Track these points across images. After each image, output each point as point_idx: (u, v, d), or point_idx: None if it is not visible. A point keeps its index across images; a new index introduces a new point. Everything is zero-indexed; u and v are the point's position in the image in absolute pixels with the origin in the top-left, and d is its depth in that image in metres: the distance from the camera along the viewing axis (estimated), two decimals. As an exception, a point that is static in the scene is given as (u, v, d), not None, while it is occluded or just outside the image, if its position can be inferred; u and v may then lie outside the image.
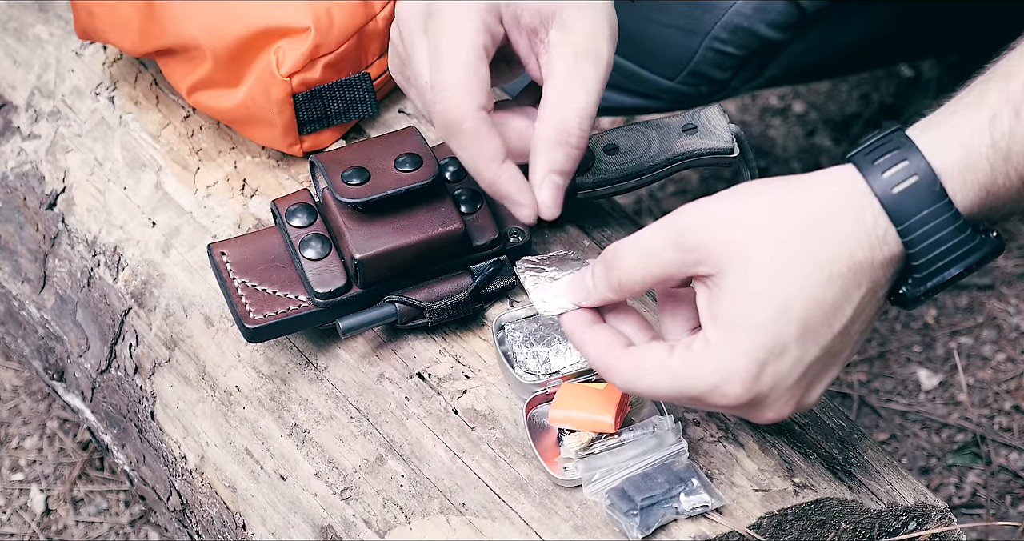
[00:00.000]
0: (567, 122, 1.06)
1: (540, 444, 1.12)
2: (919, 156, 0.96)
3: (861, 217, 0.96)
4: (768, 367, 0.96)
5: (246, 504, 1.21)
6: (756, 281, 0.95)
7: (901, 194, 0.96)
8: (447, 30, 1.06)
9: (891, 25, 1.62)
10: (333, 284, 1.17)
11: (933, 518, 1.13)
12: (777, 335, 0.95)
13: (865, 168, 0.97)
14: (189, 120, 1.39)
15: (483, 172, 1.08)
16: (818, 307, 0.96)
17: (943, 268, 0.98)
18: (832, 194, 0.97)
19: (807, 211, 0.96)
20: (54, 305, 1.38)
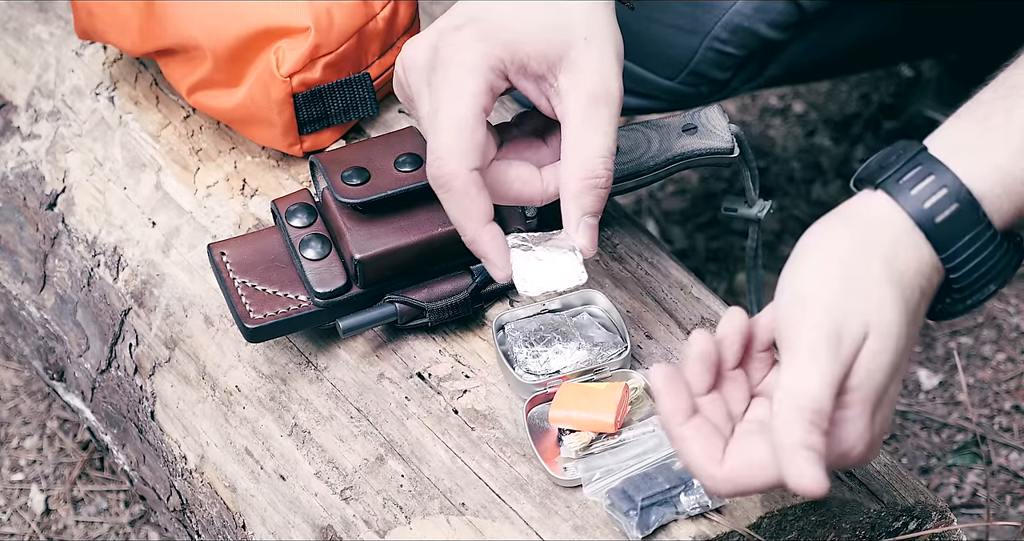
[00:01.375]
0: (591, 165, 1.07)
1: (540, 444, 1.12)
2: (958, 182, 0.96)
3: (920, 253, 0.96)
4: (877, 417, 0.96)
5: (246, 504, 1.21)
6: (880, 348, 0.95)
7: (944, 222, 0.96)
8: (449, 91, 1.07)
9: (891, 25, 1.61)
10: (333, 284, 1.17)
11: (933, 518, 1.13)
12: (886, 385, 0.96)
13: (902, 198, 0.97)
14: (189, 120, 1.39)
15: (466, 230, 1.09)
16: (909, 345, 0.97)
17: (984, 286, 0.99)
18: (891, 234, 0.97)
19: (883, 256, 0.95)
20: (54, 305, 1.38)
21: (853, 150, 2.00)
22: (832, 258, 0.96)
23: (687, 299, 1.23)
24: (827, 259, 0.96)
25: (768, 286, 1.83)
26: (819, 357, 0.92)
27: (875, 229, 0.97)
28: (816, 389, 0.92)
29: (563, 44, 1.07)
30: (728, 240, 1.92)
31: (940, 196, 0.96)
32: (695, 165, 1.25)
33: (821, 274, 0.95)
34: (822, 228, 0.98)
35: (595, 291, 1.20)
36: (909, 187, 0.97)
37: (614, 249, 1.27)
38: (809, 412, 0.91)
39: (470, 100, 1.07)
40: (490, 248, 1.09)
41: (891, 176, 0.98)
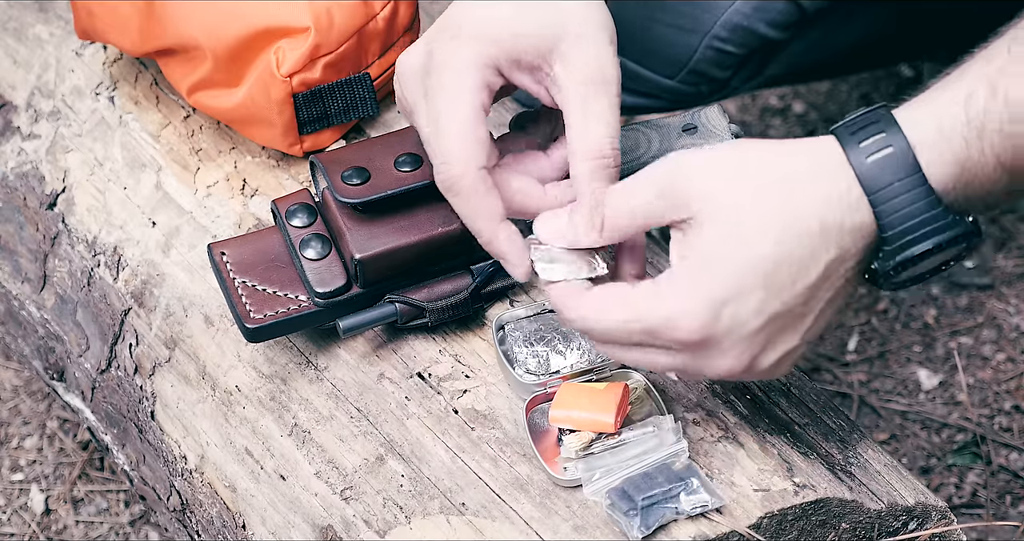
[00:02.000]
0: (598, 146, 1.08)
1: (540, 444, 1.12)
2: (896, 128, 0.98)
3: (835, 181, 0.98)
4: (727, 308, 0.98)
5: (246, 504, 1.21)
6: (727, 224, 0.98)
7: (875, 163, 0.97)
8: (445, 93, 1.08)
9: (891, 25, 1.61)
10: (333, 284, 1.17)
11: (933, 518, 1.13)
12: (740, 278, 0.97)
13: (845, 139, 0.99)
14: (189, 120, 1.39)
15: (482, 230, 1.10)
16: (784, 260, 0.97)
17: (912, 242, 0.98)
18: (810, 158, 0.99)
19: (784, 169, 0.99)
20: (54, 305, 1.38)
21: (853, 150, 2.00)
22: (731, 152, 1.01)
23: (687, 299, 1.23)
24: (727, 152, 1.01)
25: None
26: (641, 186, 1.03)
27: (798, 153, 1.00)
28: (626, 214, 1.03)
29: (555, 37, 1.08)
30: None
31: (876, 138, 0.98)
32: (695, 165, 1.25)
33: (704, 154, 1.01)
34: (759, 141, 1.02)
35: (595, 291, 1.19)
36: (851, 131, 0.99)
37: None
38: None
39: (468, 97, 1.07)
40: (507, 247, 1.09)
41: (843, 124, 1.00)
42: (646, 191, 1.02)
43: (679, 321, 0.99)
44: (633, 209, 1.03)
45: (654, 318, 0.99)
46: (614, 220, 1.04)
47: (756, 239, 0.97)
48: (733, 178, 0.99)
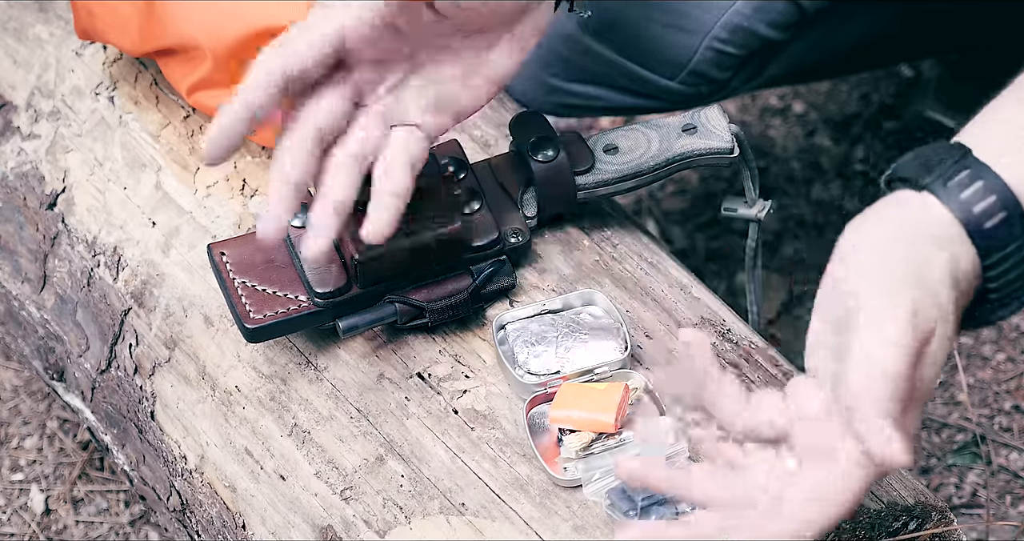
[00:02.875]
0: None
1: (540, 444, 1.12)
2: (1006, 189, 0.94)
3: (966, 256, 0.93)
4: (911, 417, 0.92)
5: (246, 504, 1.21)
6: (943, 341, 0.92)
7: (991, 229, 0.93)
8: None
9: (891, 25, 1.61)
10: (333, 284, 1.17)
11: (933, 518, 1.13)
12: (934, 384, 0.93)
13: (952, 200, 0.94)
14: (189, 120, 1.39)
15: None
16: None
17: (1016, 298, 0.96)
18: (943, 233, 0.94)
19: (945, 254, 0.93)
20: (54, 305, 1.38)
21: (853, 150, 2.00)
22: (887, 245, 0.92)
23: (687, 299, 1.23)
24: (882, 247, 0.92)
25: (768, 286, 1.84)
26: (899, 329, 0.88)
27: (925, 226, 0.94)
28: (900, 358, 0.88)
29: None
30: (728, 240, 1.92)
31: (989, 202, 0.93)
32: (695, 165, 1.25)
33: (881, 260, 0.91)
34: (865, 225, 0.94)
35: (595, 291, 1.20)
36: (958, 190, 0.94)
37: (614, 249, 1.27)
38: (897, 379, 0.87)
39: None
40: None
41: (937, 178, 0.95)
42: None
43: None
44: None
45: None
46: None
47: (951, 342, 0.92)
48: (939, 287, 0.92)
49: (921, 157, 0.97)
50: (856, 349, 0.89)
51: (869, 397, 0.87)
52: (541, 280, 1.23)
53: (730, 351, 1.19)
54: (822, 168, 1.98)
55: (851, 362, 0.89)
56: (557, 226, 1.27)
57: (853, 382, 0.88)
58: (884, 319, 0.89)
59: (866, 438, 0.87)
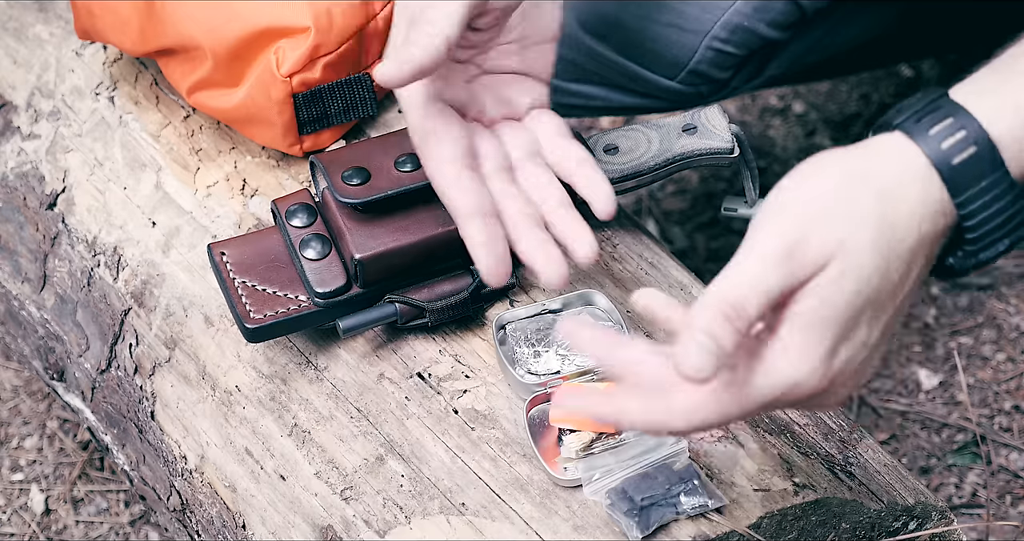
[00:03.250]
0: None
1: (540, 444, 1.12)
2: (976, 124, 0.94)
3: (927, 190, 0.93)
4: (840, 353, 0.93)
5: (246, 504, 1.21)
6: (840, 273, 0.92)
7: (961, 164, 0.93)
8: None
9: (891, 25, 1.61)
10: (333, 284, 1.17)
11: (933, 518, 1.13)
12: (850, 319, 0.92)
13: (920, 137, 0.94)
14: (189, 120, 1.39)
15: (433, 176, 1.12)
16: (887, 285, 0.93)
17: (998, 239, 0.96)
18: (899, 168, 0.94)
19: (881, 188, 0.93)
20: (54, 305, 1.38)
21: (853, 150, 2.00)
22: (824, 179, 0.94)
23: (687, 299, 1.23)
24: (818, 180, 0.94)
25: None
26: (760, 260, 0.90)
27: (882, 162, 0.94)
28: (744, 287, 0.90)
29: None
30: (728, 240, 1.92)
31: (958, 138, 0.93)
32: (695, 165, 1.25)
33: (802, 191, 0.93)
34: (828, 153, 0.95)
35: (595, 291, 1.20)
36: (927, 127, 0.94)
37: (614, 249, 1.27)
38: (726, 305, 0.89)
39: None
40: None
41: (909, 117, 0.95)
42: (774, 267, 0.92)
43: (801, 387, 0.92)
44: (767, 291, 0.91)
45: (772, 395, 0.92)
46: (751, 312, 0.91)
47: (866, 275, 0.92)
48: (843, 218, 0.92)
49: (901, 104, 0.98)
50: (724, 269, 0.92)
51: (695, 311, 0.90)
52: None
53: (730, 351, 1.19)
54: (822, 168, 1.98)
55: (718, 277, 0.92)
56: (557, 226, 1.27)
57: (696, 301, 0.91)
58: (757, 243, 0.91)
59: (674, 351, 0.89)
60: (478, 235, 1.08)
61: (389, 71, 1.06)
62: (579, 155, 1.14)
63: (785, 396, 0.93)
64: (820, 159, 0.96)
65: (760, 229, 0.93)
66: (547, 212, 1.12)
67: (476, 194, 1.09)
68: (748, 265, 0.91)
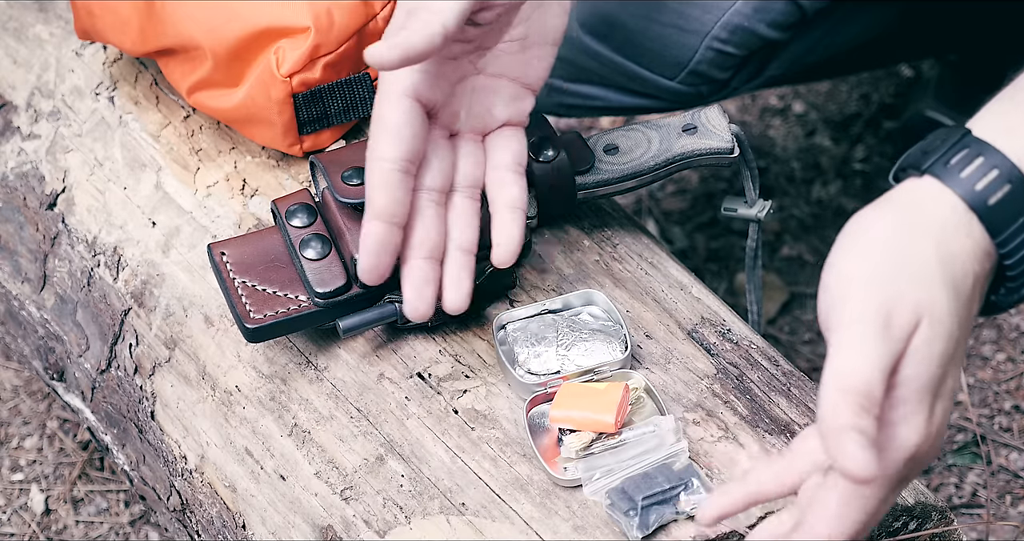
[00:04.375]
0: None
1: (540, 444, 1.12)
2: (1008, 162, 0.93)
3: (971, 234, 0.93)
4: (937, 409, 0.92)
5: (246, 504, 1.21)
6: (932, 334, 0.91)
7: (997, 205, 0.93)
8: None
9: (891, 25, 1.61)
10: (333, 284, 1.17)
11: (933, 518, 1.13)
12: (942, 376, 0.91)
13: (952, 181, 0.93)
14: (189, 120, 1.39)
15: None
16: (964, 335, 0.93)
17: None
18: (942, 216, 0.93)
19: (935, 239, 0.92)
20: (54, 305, 1.38)
21: (853, 150, 2.00)
22: (878, 238, 0.92)
23: (687, 299, 1.23)
24: (873, 240, 0.92)
25: (768, 286, 1.84)
26: (867, 338, 0.88)
27: (924, 212, 0.93)
28: (865, 370, 0.87)
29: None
30: (728, 240, 1.92)
31: (992, 178, 0.93)
32: (695, 165, 1.25)
33: (867, 254, 0.91)
34: (866, 213, 0.94)
35: (595, 291, 1.20)
36: (958, 170, 0.93)
37: (614, 249, 1.27)
38: (857, 394, 0.87)
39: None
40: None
41: (937, 160, 0.94)
42: (872, 358, 0.89)
43: (920, 451, 0.91)
44: (883, 365, 0.89)
45: (906, 468, 0.92)
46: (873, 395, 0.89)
47: (950, 328, 0.91)
48: (916, 275, 0.91)
49: (923, 144, 0.96)
50: (829, 356, 0.90)
51: (825, 412, 0.88)
52: (541, 280, 1.24)
53: (730, 351, 1.19)
54: (822, 168, 1.98)
55: (823, 375, 0.90)
56: (557, 226, 1.27)
57: (820, 397, 0.89)
58: (852, 324, 0.89)
59: (831, 451, 0.87)
60: (371, 238, 1.07)
61: (379, 52, 1.04)
62: (511, 197, 1.12)
63: (907, 465, 0.92)
64: (860, 221, 0.94)
65: (844, 307, 0.90)
66: (448, 250, 1.11)
67: (394, 201, 1.07)
68: (855, 347, 0.89)
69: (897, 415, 0.90)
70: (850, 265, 0.92)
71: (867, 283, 0.90)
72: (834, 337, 0.90)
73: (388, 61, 1.04)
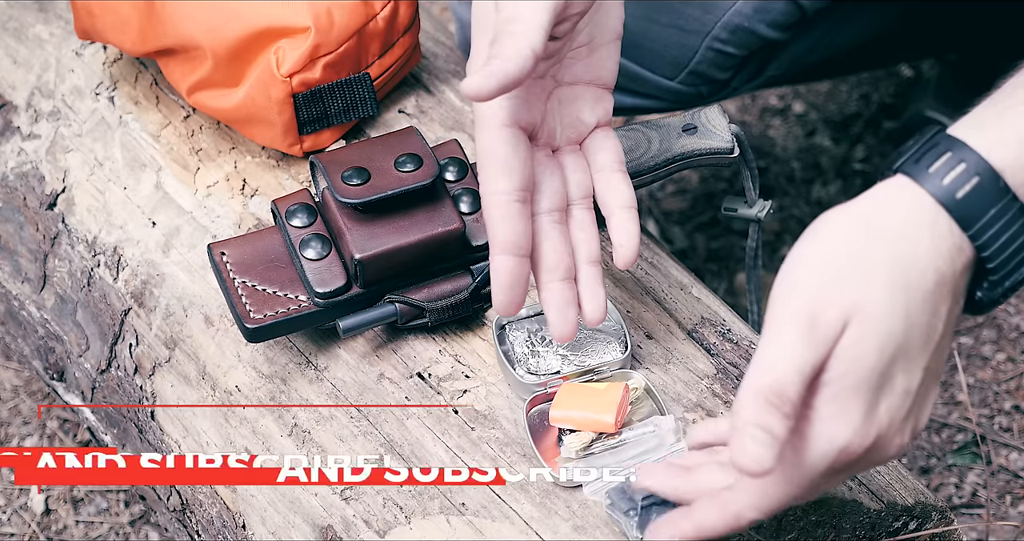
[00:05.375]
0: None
1: (540, 444, 1.12)
2: (976, 156, 0.94)
3: (936, 229, 0.93)
4: (880, 407, 0.93)
5: (246, 504, 1.21)
6: (861, 334, 0.92)
7: (966, 197, 0.93)
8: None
9: (891, 25, 1.62)
10: (333, 284, 1.17)
11: (933, 518, 1.13)
12: (882, 374, 0.93)
13: (920, 176, 0.94)
14: (189, 120, 1.39)
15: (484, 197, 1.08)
16: (915, 331, 0.93)
17: (1020, 265, 0.95)
18: (905, 211, 0.94)
19: (890, 236, 0.93)
20: (54, 305, 1.38)
21: (853, 150, 2.00)
22: (830, 240, 0.94)
23: (687, 299, 1.23)
24: (825, 241, 0.94)
25: (768, 286, 1.84)
26: (789, 339, 0.91)
27: (886, 210, 0.94)
28: (780, 370, 0.90)
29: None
30: (728, 240, 1.92)
31: (959, 171, 0.94)
32: (695, 165, 1.25)
33: (812, 257, 0.94)
34: (830, 213, 0.96)
35: (595, 291, 1.20)
36: (927, 165, 0.94)
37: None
38: (768, 392, 0.90)
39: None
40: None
41: (908, 158, 0.96)
42: (796, 346, 0.92)
43: (848, 451, 0.93)
44: (803, 373, 0.92)
45: (823, 465, 0.94)
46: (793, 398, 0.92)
47: (889, 328, 0.92)
48: (855, 283, 0.93)
49: (902, 146, 0.98)
50: (755, 353, 0.93)
51: (735, 407, 0.91)
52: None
53: (730, 351, 1.19)
54: (822, 168, 1.98)
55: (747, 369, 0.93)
56: (557, 226, 1.27)
57: (737, 393, 0.93)
58: (781, 326, 0.92)
59: (731, 444, 0.91)
60: (503, 273, 1.06)
61: (476, 84, 1.02)
62: (623, 198, 1.12)
63: (838, 461, 0.93)
64: (826, 217, 0.96)
65: (780, 306, 0.93)
66: (578, 264, 1.11)
67: (518, 232, 1.06)
68: (777, 348, 0.91)
69: (825, 412, 0.92)
70: (796, 267, 0.94)
71: (804, 287, 0.93)
72: (764, 336, 0.93)
73: (487, 91, 1.02)
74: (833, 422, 0.92)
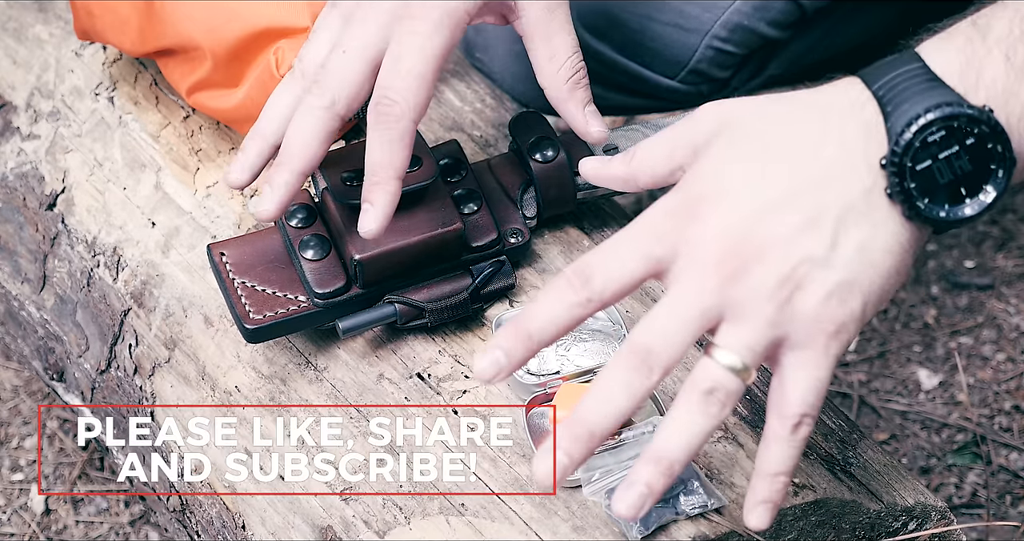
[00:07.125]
0: (569, 64, 1.15)
1: (540, 444, 1.12)
2: (911, 51, 0.99)
3: (842, 90, 1.01)
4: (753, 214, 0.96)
5: (246, 504, 1.21)
6: (723, 141, 0.98)
7: (878, 66, 1.00)
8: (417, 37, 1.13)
9: (891, 25, 1.62)
10: (333, 284, 1.17)
11: (933, 518, 1.13)
12: (756, 156, 0.97)
13: (865, 74, 1.01)
14: (189, 120, 1.39)
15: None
16: (788, 131, 0.99)
17: (910, 110, 0.97)
18: (828, 86, 1.02)
19: (803, 93, 1.01)
20: (54, 305, 1.38)
21: (853, 150, 2.00)
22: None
23: (687, 299, 1.23)
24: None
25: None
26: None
27: (816, 97, 1.02)
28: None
29: None
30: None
31: (889, 59, 1.00)
32: (695, 165, 1.25)
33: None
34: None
35: (595, 291, 1.19)
36: (875, 66, 1.01)
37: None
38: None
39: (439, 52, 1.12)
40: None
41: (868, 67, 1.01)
42: (679, 129, 1.01)
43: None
44: (661, 156, 1.01)
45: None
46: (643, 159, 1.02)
47: (753, 129, 0.98)
48: (751, 104, 1.00)
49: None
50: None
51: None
52: (541, 280, 1.24)
53: (730, 351, 1.19)
54: (822, 168, 1.98)
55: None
56: (557, 226, 1.27)
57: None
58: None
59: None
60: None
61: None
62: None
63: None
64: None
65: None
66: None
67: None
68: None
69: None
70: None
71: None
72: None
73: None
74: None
